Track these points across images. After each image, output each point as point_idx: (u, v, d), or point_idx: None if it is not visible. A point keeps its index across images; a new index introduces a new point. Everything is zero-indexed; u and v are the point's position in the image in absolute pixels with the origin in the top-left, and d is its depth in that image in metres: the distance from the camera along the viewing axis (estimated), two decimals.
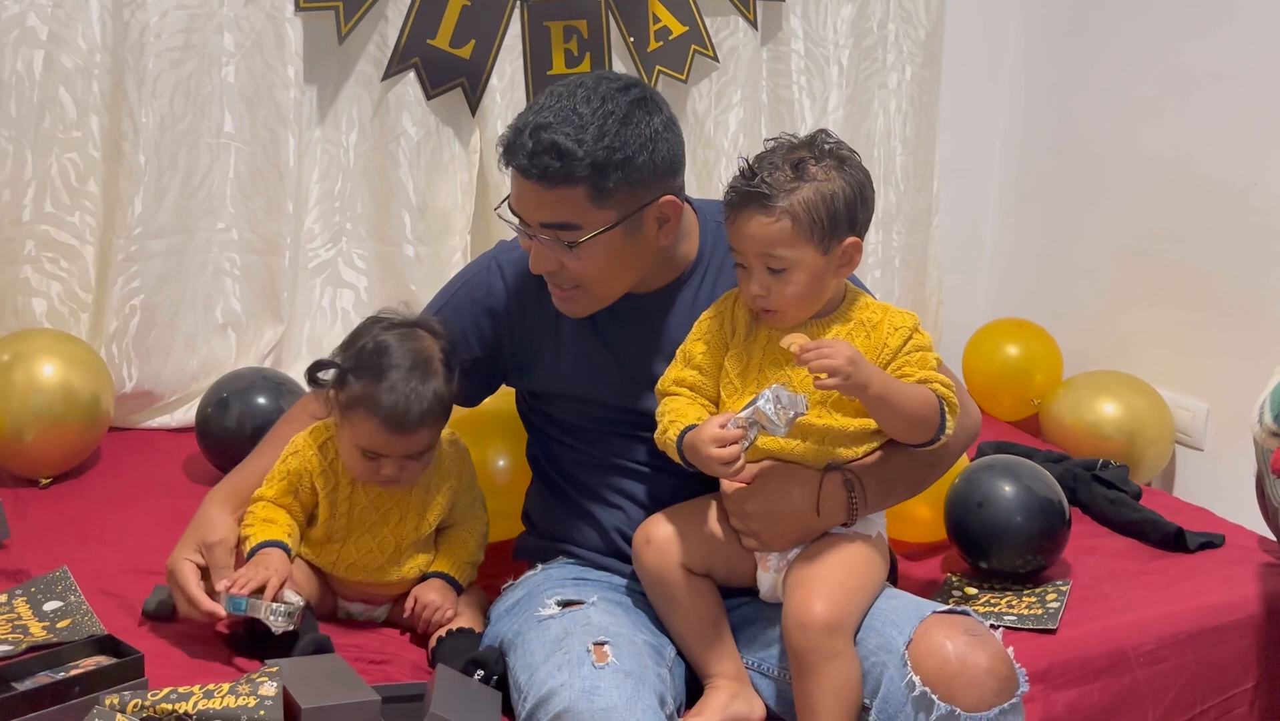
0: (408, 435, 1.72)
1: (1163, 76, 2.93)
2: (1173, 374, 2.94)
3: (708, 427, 1.58)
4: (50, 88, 2.36)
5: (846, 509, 1.66)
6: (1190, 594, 2.10)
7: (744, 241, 1.61)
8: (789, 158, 1.60)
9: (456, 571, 1.85)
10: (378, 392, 1.70)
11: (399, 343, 1.74)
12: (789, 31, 2.95)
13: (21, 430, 2.21)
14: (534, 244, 1.68)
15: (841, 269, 1.63)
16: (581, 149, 1.59)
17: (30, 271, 2.41)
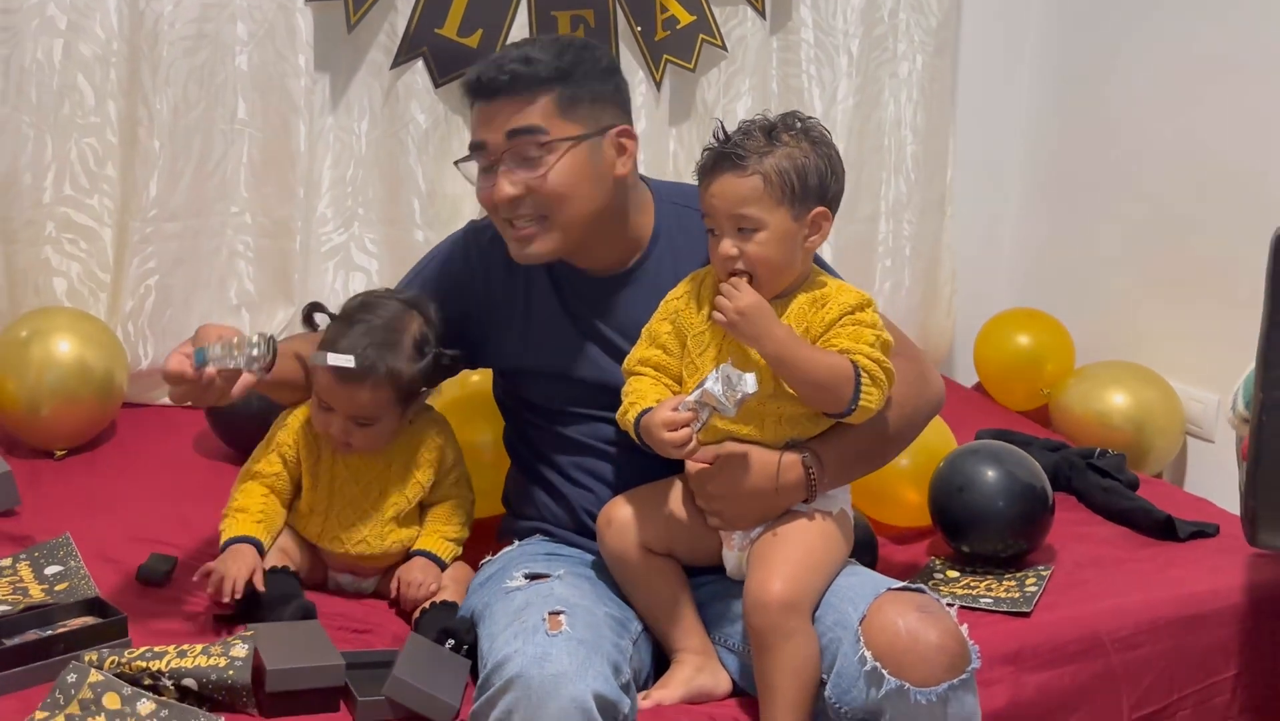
0: (350, 390, 1.76)
1: (1181, 65, 2.91)
2: (1185, 365, 2.92)
3: (660, 411, 1.62)
4: (69, 75, 2.44)
5: (805, 486, 1.69)
6: (1173, 581, 2.10)
7: (715, 201, 1.65)
8: (763, 126, 1.66)
9: (440, 549, 1.90)
10: (337, 338, 1.77)
11: (383, 307, 1.81)
12: (798, 20, 2.97)
13: (38, 404, 2.30)
14: (500, 173, 1.70)
15: (810, 238, 1.66)
16: (547, 56, 1.69)
17: (51, 252, 2.50)
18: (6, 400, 2.31)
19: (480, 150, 1.74)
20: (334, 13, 2.61)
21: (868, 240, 3.12)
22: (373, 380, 1.77)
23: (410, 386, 1.82)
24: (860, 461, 1.77)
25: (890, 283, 3.15)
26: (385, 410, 1.81)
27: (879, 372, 1.64)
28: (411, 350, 1.80)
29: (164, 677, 1.54)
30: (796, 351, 1.61)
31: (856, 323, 1.66)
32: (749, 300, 1.61)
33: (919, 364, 1.87)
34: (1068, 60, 3.23)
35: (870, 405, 1.64)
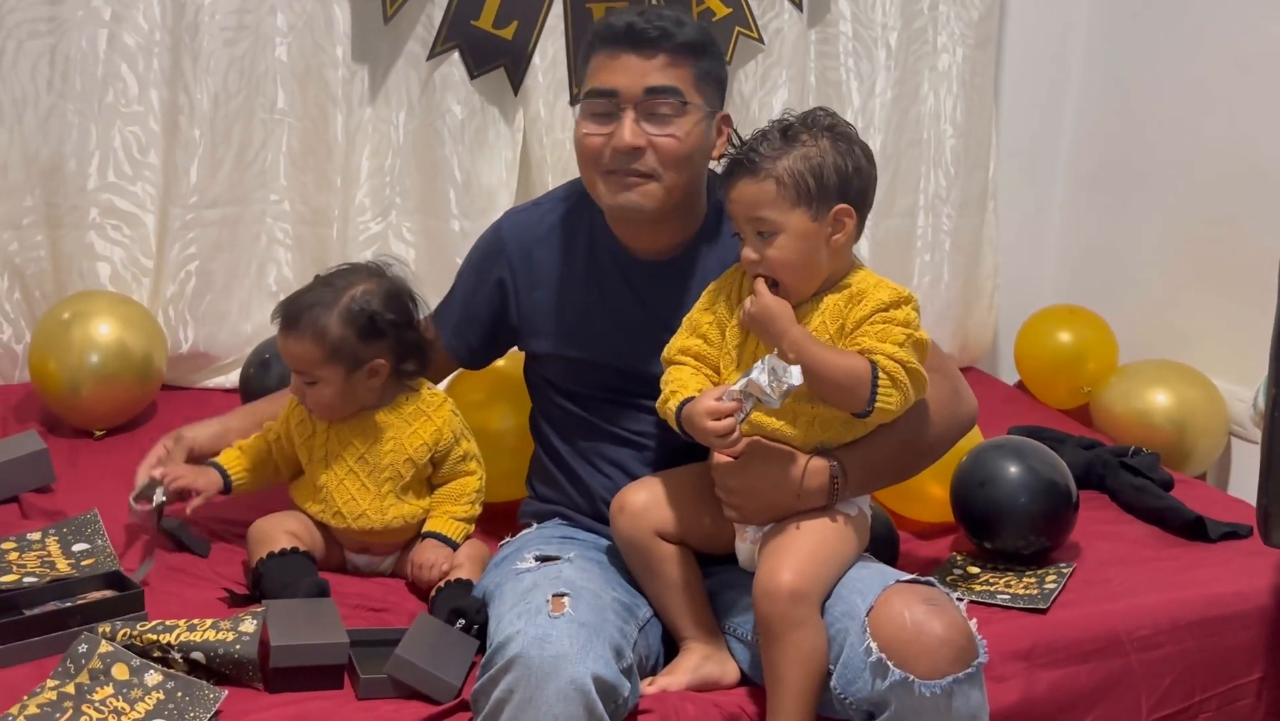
0: (285, 336, 1.86)
1: (1230, 58, 2.86)
2: (1230, 364, 2.87)
3: (704, 400, 1.62)
4: (113, 64, 2.50)
5: (827, 494, 1.68)
6: (1198, 581, 2.06)
7: (734, 207, 1.66)
8: (781, 127, 1.66)
9: (449, 529, 1.93)
10: (289, 298, 1.89)
11: (350, 271, 1.90)
12: (836, 13, 2.96)
13: (78, 384, 2.36)
14: (626, 120, 1.72)
15: (835, 237, 1.64)
16: (694, 26, 1.76)
17: (95, 237, 2.56)
18: (49, 380, 2.37)
19: (609, 96, 1.74)
20: (371, 4, 2.64)
21: (905, 234, 3.10)
22: (297, 332, 1.84)
23: (341, 344, 1.84)
24: (886, 473, 1.76)
25: (929, 277, 3.13)
26: (318, 366, 1.85)
27: (900, 374, 1.61)
28: (346, 308, 1.85)
29: (173, 650, 1.58)
30: (813, 352, 1.60)
31: (887, 320, 1.63)
32: (763, 304, 1.62)
33: (953, 380, 1.85)
34: (1115, 53, 3.18)
35: (889, 406, 1.61)
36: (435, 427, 1.93)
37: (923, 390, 1.66)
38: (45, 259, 2.56)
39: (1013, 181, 3.25)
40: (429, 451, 1.92)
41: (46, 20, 2.46)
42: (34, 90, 2.49)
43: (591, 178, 1.79)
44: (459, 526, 1.93)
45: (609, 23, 1.76)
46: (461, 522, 1.94)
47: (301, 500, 1.95)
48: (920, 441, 1.76)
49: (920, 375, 1.64)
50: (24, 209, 2.54)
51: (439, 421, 1.93)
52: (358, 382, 1.88)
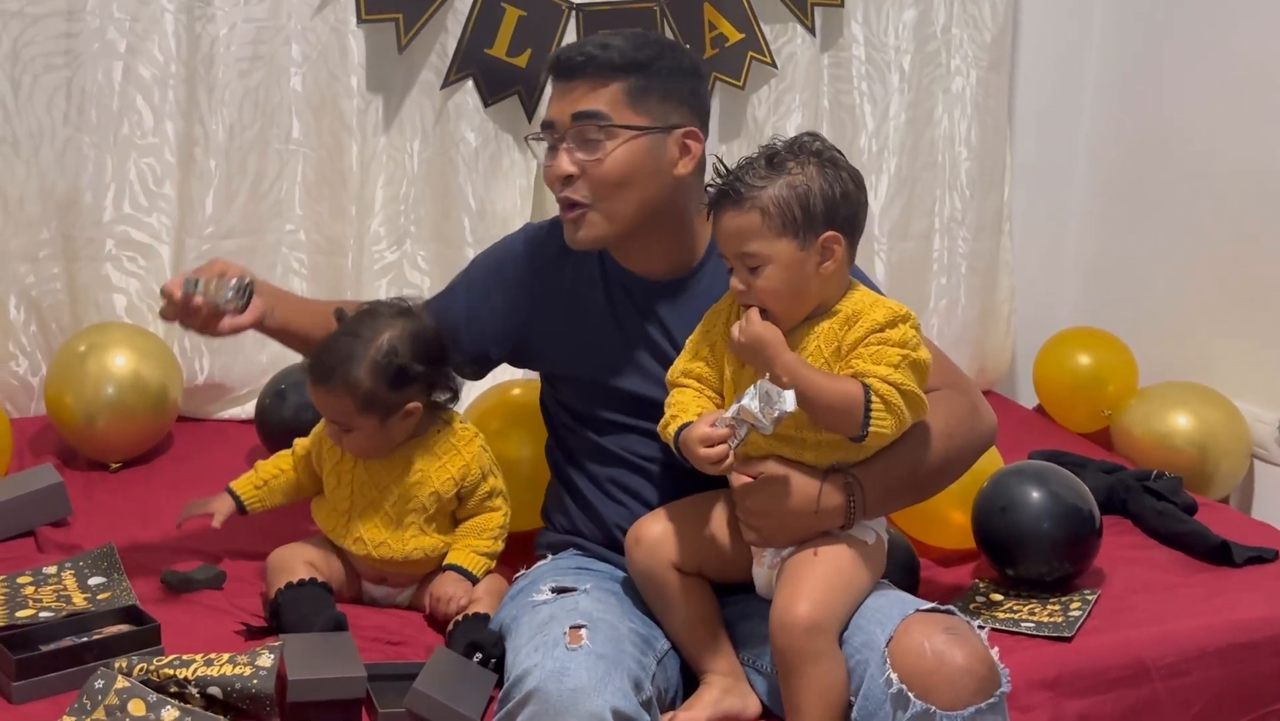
0: (316, 389, 1.84)
1: (1249, 77, 2.84)
2: (1252, 386, 2.85)
3: (698, 427, 1.61)
4: (128, 96, 2.52)
5: (845, 512, 1.66)
6: (1226, 607, 2.04)
7: (721, 238, 1.64)
8: (767, 154, 1.63)
9: (470, 563, 1.91)
10: (321, 341, 1.87)
11: (374, 317, 1.86)
12: (849, 37, 2.95)
13: (94, 416, 2.36)
14: (561, 150, 1.73)
15: (824, 264, 1.62)
16: (625, 46, 1.73)
17: (111, 269, 2.57)
18: (64, 413, 2.37)
19: (548, 128, 1.76)
20: (386, 34, 2.65)
21: (922, 258, 3.09)
22: (328, 386, 1.82)
23: (372, 396, 1.82)
24: (904, 492, 1.73)
25: (946, 301, 3.11)
26: (352, 417, 1.83)
27: (894, 396, 1.58)
28: (375, 360, 1.82)
29: (190, 685, 1.56)
30: (805, 376, 1.57)
31: (882, 341, 1.61)
32: (752, 331, 1.60)
33: (970, 396, 1.82)
34: (1129, 72, 3.17)
35: (883, 430, 1.59)
36: (464, 462, 1.91)
37: (921, 412, 1.64)
38: (61, 291, 2.57)
39: (1028, 203, 3.24)
40: (455, 486, 1.91)
41: (62, 54, 2.48)
42: (50, 123, 2.50)
43: (561, 211, 1.80)
44: (480, 561, 1.92)
45: (550, 56, 1.80)
46: (483, 557, 1.92)
47: (322, 520, 1.94)
48: (938, 459, 1.73)
49: (916, 397, 1.61)
50: (40, 241, 2.54)
51: (468, 456, 1.92)
52: (393, 426, 1.87)
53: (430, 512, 1.91)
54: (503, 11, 2.67)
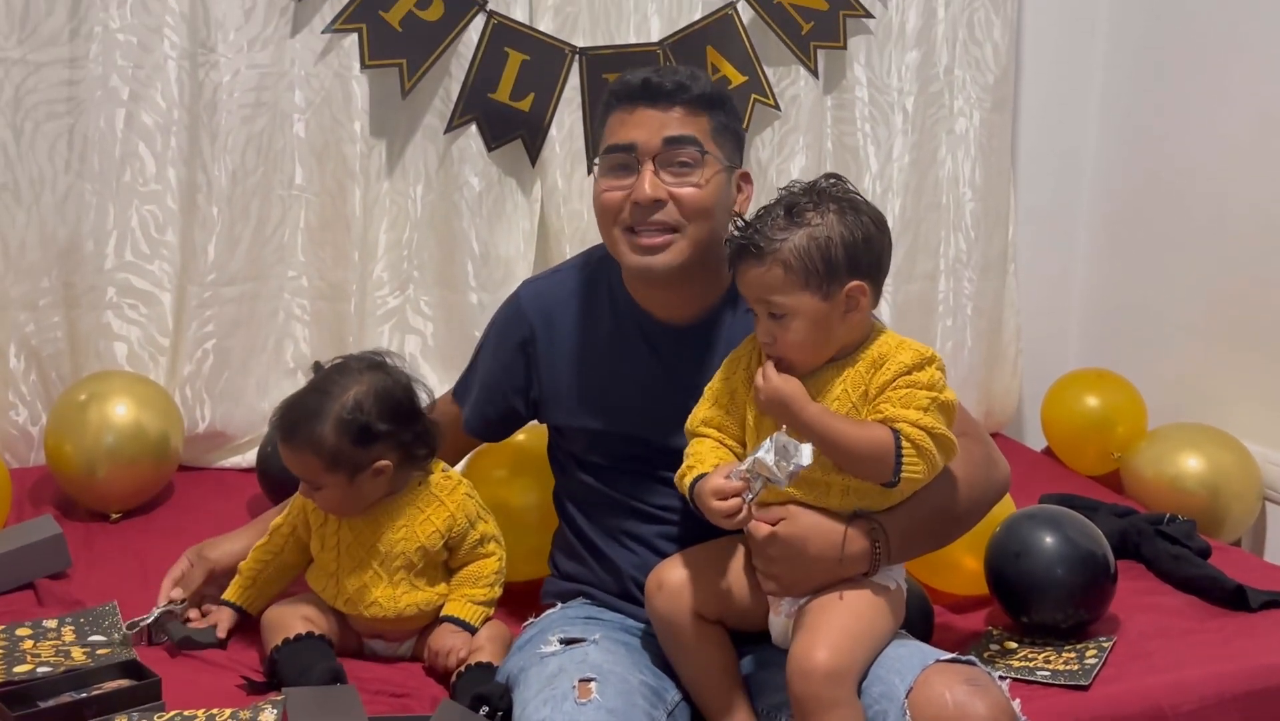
0: (282, 446, 1.84)
1: (1253, 116, 2.84)
2: (1262, 427, 2.82)
3: (712, 478, 1.59)
4: (131, 143, 2.51)
5: (870, 559, 1.63)
6: (1243, 653, 2.00)
7: (744, 289, 1.63)
8: (786, 203, 1.60)
9: (466, 613, 1.88)
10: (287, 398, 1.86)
11: (343, 373, 1.84)
12: (852, 79, 2.96)
13: (94, 466, 2.33)
14: (645, 172, 1.69)
15: (849, 314, 1.60)
16: (706, 79, 1.75)
17: (112, 317, 2.55)
18: (64, 463, 2.35)
19: (627, 150, 1.71)
20: (389, 79, 2.65)
21: (927, 299, 3.08)
22: (293, 444, 1.81)
23: (337, 454, 1.79)
24: (925, 539, 1.71)
25: (952, 343, 3.10)
26: (318, 475, 1.80)
27: (925, 441, 1.56)
28: (339, 417, 1.78)
29: None
30: (832, 426, 1.56)
31: (910, 384, 1.58)
32: (771, 387, 1.58)
33: (985, 445, 1.81)
34: (1134, 113, 3.17)
35: (916, 475, 1.57)
36: (449, 513, 1.88)
37: (951, 454, 1.61)
38: (62, 339, 2.55)
39: (1033, 244, 3.23)
40: (442, 538, 1.87)
41: (65, 100, 2.47)
42: (52, 171, 2.49)
43: (612, 236, 1.75)
44: (477, 610, 1.89)
45: (625, 80, 1.75)
46: (480, 606, 1.89)
47: (313, 582, 1.91)
48: (956, 507, 1.72)
49: (947, 439, 1.59)
50: (41, 290, 2.53)
51: (452, 506, 1.89)
52: (363, 484, 1.83)
53: (419, 567, 1.87)
54: (506, 56, 2.67)
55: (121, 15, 2.46)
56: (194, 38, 2.52)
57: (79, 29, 2.45)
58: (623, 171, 1.72)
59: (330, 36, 2.60)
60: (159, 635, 1.88)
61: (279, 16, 2.58)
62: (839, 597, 1.62)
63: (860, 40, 2.96)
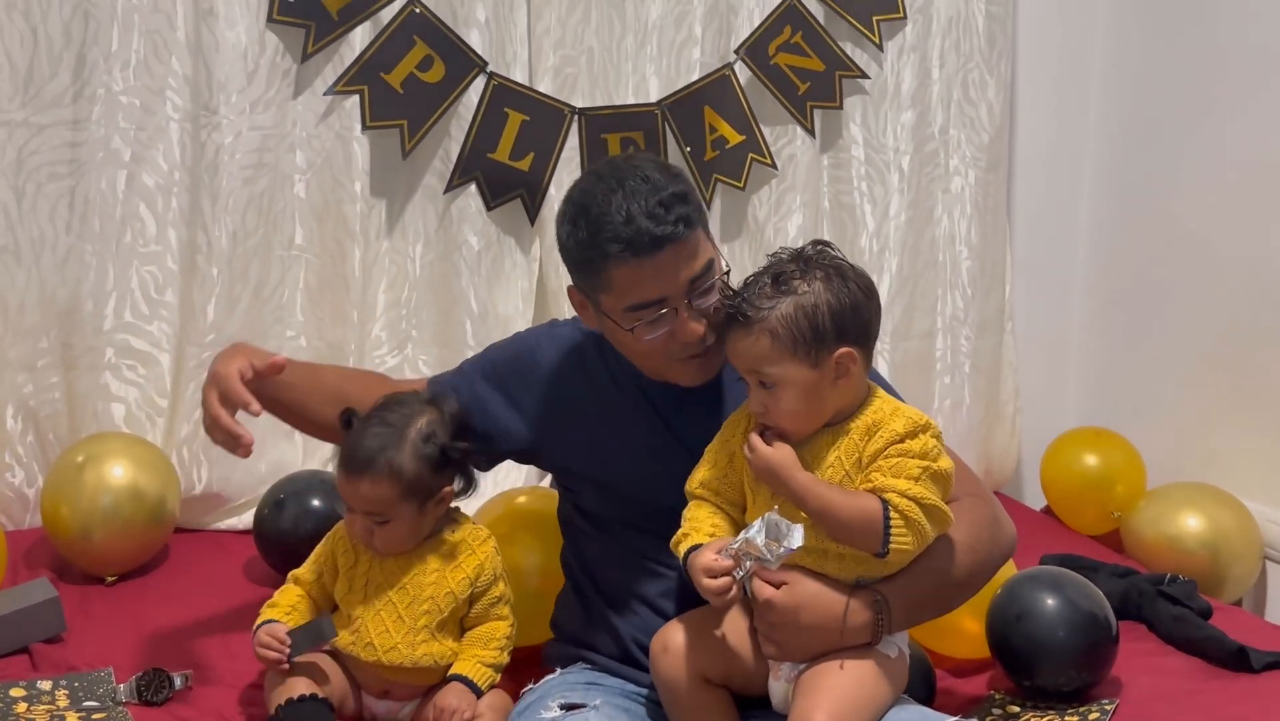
0: (354, 481, 1.79)
1: (1249, 173, 2.86)
2: (1262, 486, 2.82)
3: (703, 554, 1.57)
4: (132, 204, 2.52)
5: (872, 629, 1.62)
6: (1246, 716, 1.98)
7: (734, 359, 1.62)
8: (773, 272, 1.60)
9: (475, 674, 1.86)
10: (350, 434, 1.82)
11: (400, 404, 1.84)
12: (849, 138, 2.98)
13: (90, 529, 2.31)
14: (687, 315, 1.67)
15: (840, 380, 1.59)
16: (685, 188, 1.68)
17: (110, 378, 2.54)
18: (60, 525, 2.33)
19: (658, 305, 1.67)
20: (390, 140, 2.67)
21: (925, 357, 3.08)
22: (371, 475, 1.78)
23: (416, 481, 1.81)
24: (928, 605, 1.69)
25: (950, 401, 3.10)
26: (393, 506, 1.80)
27: (914, 512, 1.54)
28: (415, 443, 1.80)
29: None
30: (821, 496, 1.55)
31: (902, 453, 1.57)
32: (760, 456, 1.57)
33: (991, 506, 1.79)
34: (1129, 171, 3.19)
35: (904, 547, 1.55)
36: (478, 562, 1.88)
37: (944, 524, 1.60)
38: (60, 400, 2.55)
39: (1030, 302, 3.25)
40: (470, 586, 1.87)
41: (67, 162, 2.49)
42: (53, 232, 2.50)
43: (657, 368, 1.75)
44: (486, 672, 1.87)
45: (620, 236, 1.63)
46: (489, 669, 1.87)
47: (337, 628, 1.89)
48: (962, 572, 1.69)
49: (939, 510, 1.58)
50: (39, 350, 2.53)
51: (482, 556, 1.89)
52: (428, 513, 1.85)
53: (444, 616, 1.86)
54: (506, 116, 2.70)
55: (125, 78, 2.48)
56: (196, 100, 2.53)
57: (82, 91, 2.47)
58: (660, 323, 1.69)
59: (332, 98, 2.62)
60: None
61: (281, 79, 2.60)
62: (839, 666, 1.60)
63: (856, 100, 2.99)
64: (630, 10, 2.80)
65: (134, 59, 2.48)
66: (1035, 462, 3.13)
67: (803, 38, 2.89)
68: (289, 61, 2.61)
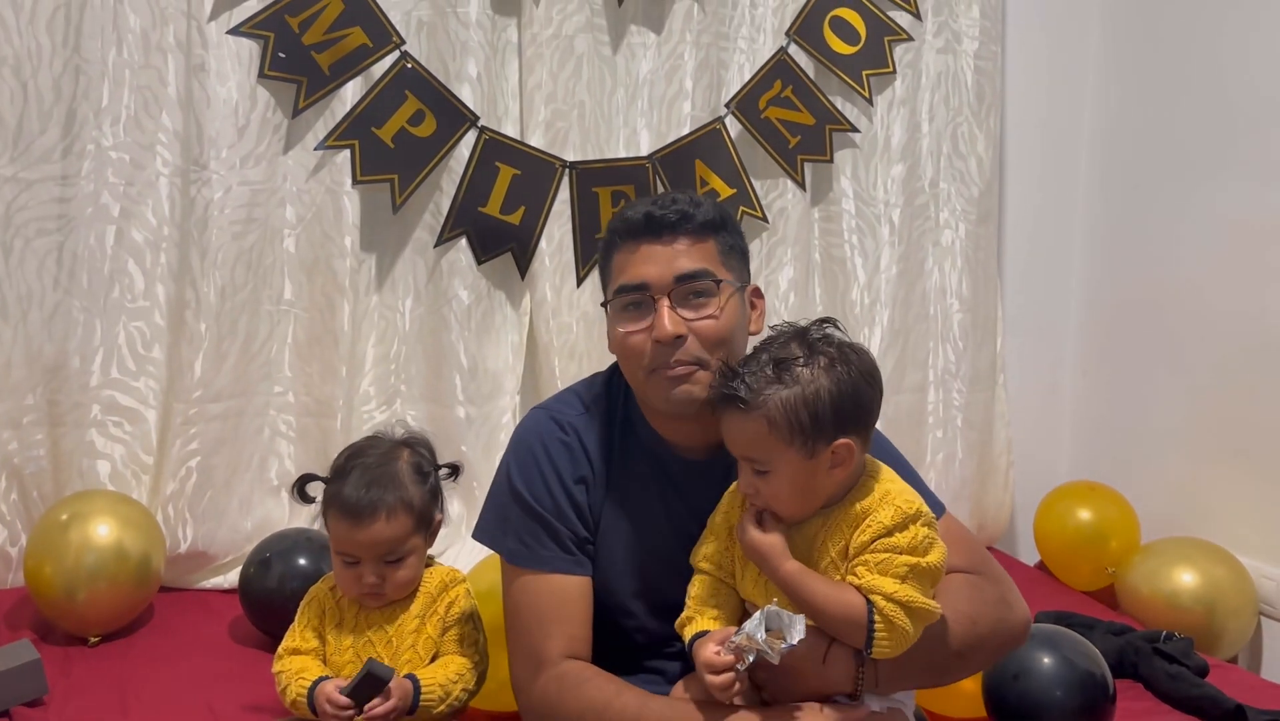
0: (367, 526, 1.76)
1: (1240, 228, 2.87)
2: (1257, 541, 2.80)
3: (704, 649, 1.52)
4: (120, 260, 2.50)
5: (853, 681, 1.58)
6: None
7: (726, 440, 1.57)
8: (776, 355, 1.54)
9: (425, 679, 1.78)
10: (342, 488, 1.79)
11: (372, 447, 1.84)
12: (839, 191, 2.99)
13: (74, 589, 2.28)
14: (663, 310, 1.63)
15: (835, 469, 1.53)
16: (709, 203, 1.70)
17: (95, 435, 2.52)
18: (43, 585, 2.29)
19: (639, 289, 1.66)
20: (380, 194, 2.66)
21: (917, 410, 3.07)
22: (386, 512, 1.77)
23: (424, 509, 1.81)
24: (921, 672, 1.63)
25: (943, 455, 3.09)
26: (408, 541, 1.80)
27: (898, 615, 1.48)
28: (412, 475, 1.81)
29: None
30: (807, 589, 1.51)
31: (889, 548, 1.50)
32: (749, 541, 1.54)
33: (1001, 586, 1.73)
34: (1120, 225, 3.20)
35: (886, 648, 1.49)
36: (449, 601, 1.85)
37: (930, 620, 1.54)
38: (45, 458, 2.52)
39: (1022, 355, 3.24)
40: (441, 626, 1.84)
41: (55, 218, 2.47)
42: (40, 288, 2.48)
43: (638, 379, 1.70)
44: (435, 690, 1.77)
45: (625, 217, 1.70)
46: (438, 686, 1.77)
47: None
48: (958, 643, 1.63)
49: (925, 610, 1.51)
50: (25, 407, 2.50)
51: (453, 596, 1.86)
52: (427, 543, 1.85)
53: (425, 662, 1.83)
54: (497, 171, 2.69)
55: (115, 133, 2.47)
56: (187, 155, 2.53)
57: (71, 147, 2.46)
58: (638, 311, 1.67)
59: (323, 153, 2.62)
60: None
61: (272, 134, 2.60)
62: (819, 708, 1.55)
63: (846, 154, 3.00)
64: (621, 65, 2.82)
65: (124, 114, 2.48)
66: (1029, 517, 3.12)
67: (793, 92, 2.91)
68: (280, 116, 2.60)
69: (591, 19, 2.77)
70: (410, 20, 2.66)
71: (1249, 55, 2.83)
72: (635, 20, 2.82)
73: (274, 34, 2.55)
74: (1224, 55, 2.90)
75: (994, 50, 3.10)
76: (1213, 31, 2.93)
